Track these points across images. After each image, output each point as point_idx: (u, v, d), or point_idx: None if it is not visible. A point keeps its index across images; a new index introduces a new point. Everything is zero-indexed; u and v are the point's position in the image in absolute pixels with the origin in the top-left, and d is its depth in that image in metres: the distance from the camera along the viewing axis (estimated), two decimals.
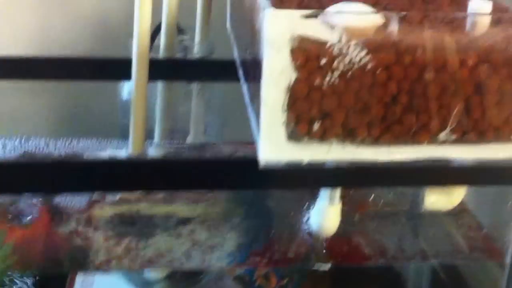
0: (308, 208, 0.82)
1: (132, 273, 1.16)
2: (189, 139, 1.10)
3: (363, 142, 0.68)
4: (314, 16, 0.62)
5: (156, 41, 1.06)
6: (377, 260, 0.86)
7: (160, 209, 0.93)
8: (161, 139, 1.04)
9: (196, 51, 1.10)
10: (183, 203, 0.94)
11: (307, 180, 0.73)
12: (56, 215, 0.88)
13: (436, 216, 0.84)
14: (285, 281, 1.07)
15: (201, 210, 0.93)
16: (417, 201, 0.84)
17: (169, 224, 0.90)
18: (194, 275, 1.16)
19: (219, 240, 0.87)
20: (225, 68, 1.01)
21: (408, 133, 0.68)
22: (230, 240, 0.87)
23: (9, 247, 0.84)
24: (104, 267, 0.85)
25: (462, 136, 0.68)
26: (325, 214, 0.80)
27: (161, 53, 1.04)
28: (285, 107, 0.64)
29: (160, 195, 0.92)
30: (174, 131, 1.10)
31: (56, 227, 0.87)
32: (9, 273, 0.95)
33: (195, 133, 1.10)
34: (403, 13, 0.68)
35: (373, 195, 0.89)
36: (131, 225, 0.90)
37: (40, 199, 0.91)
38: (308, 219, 0.82)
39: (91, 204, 0.92)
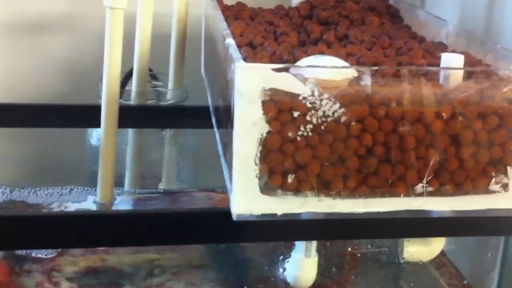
0: (284, 260, 0.80)
1: None
2: (161, 186, 1.08)
3: (339, 194, 0.67)
4: (286, 69, 0.60)
5: (127, 87, 1.04)
6: None
7: (130, 260, 0.90)
8: (132, 186, 1.02)
9: (169, 97, 1.09)
10: (154, 253, 0.91)
11: (281, 233, 0.72)
12: (17, 268, 0.85)
13: (416, 266, 0.82)
14: None
15: (174, 261, 0.90)
16: (396, 251, 0.83)
17: (139, 275, 0.87)
18: None
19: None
20: (198, 114, 1.00)
21: (384, 185, 0.66)
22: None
23: None
24: None
25: (439, 188, 0.67)
26: (301, 266, 0.78)
27: (133, 99, 1.02)
28: (258, 159, 0.62)
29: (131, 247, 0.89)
30: (145, 177, 1.08)
31: (17, 281, 0.83)
32: None
33: (167, 179, 1.08)
34: (376, 67, 0.67)
35: (350, 247, 0.87)
36: (99, 277, 0.87)
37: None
38: (284, 271, 0.80)
39: (55, 257, 0.89)
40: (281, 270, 0.80)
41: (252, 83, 0.60)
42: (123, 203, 0.97)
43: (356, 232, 0.73)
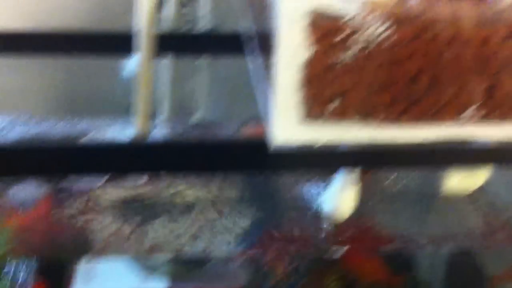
0: (322, 191, 0.78)
1: (136, 258, 1.13)
2: (197, 117, 1.07)
3: (382, 122, 0.64)
4: None
5: (159, 14, 1.01)
6: (391, 244, 0.82)
7: (167, 193, 0.89)
8: (167, 117, 1.00)
9: (202, 24, 1.06)
10: (190, 186, 0.90)
11: (320, 162, 0.69)
12: (59, 200, 0.85)
13: (456, 199, 0.80)
14: (293, 266, 1.04)
15: (210, 193, 0.89)
16: (437, 183, 0.80)
17: (176, 207, 0.87)
18: (199, 259, 1.12)
19: (227, 224, 0.83)
20: (231, 42, 0.97)
21: (430, 112, 0.64)
22: (238, 224, 0.84)
23: (8, 233, 0.81)
24: (107, 252, 0.81)
25: (487, 115, 0.64)
26: (339, 197, 0.77)
27: (166, 26, 0.99)
28: (300, 86, 0.60)
29: (168, 178, 0.88)
30: (181, 108, 1.07)
31: (59, 212, 0.83)
32: (9, 259, 0.92)
33: (202, 110, 1.07)
34: None
35: (391, 177, 0.84)
36: (137, 209, 0.86)
37: (42, 183, 0.88)
38: (321, 202, 0.78)
39: (95, 188, 0.88)
40: (318, 201, 0.78)
41: (295, 4, 0.57)
42: (158, 134, 0.95)
43: (398, 162, 0.71)
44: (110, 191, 0.87)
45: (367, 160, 0.69)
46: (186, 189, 0.88)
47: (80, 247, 0.98)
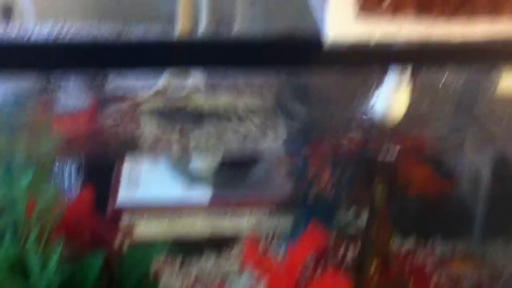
0: (374, 93, 0.77)
1: (180, 165, 1.13)
2: (236, 29, 1.05)
3: (437, 17, 0.63)
4: None
5: None
6: (441, 148, 0.81)
7: (209, 101, 0.89)
8: (209, 23, 0.99)
9: None
10: (233, 95, 0.89)
11: (373, 59, 0.68)
12: (104, 105, 0.85)
13: (509, 100, 0.78)
14: (338, 174, 1.04)
15: (255, 100, 0.88)
16: (491, 84, 0.78)
17: (220, 113, 0.86)
18: (243, 167, 1.13)
19: (271, 131, 0.82)
20: None
21: (486, 7, 0.62)
22: (284, 130, 0.83)
23: (56, 135, 0.81)
24: (152, 152, 0.82)
25: None
26: (391, 99, 0.76)
27: None
28: None
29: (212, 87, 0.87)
30: (219, 20, 1.05)
31: (104, 116, 0.83)
32: (56, 158, 0.93)
33: (241, 23, 1.05)
34: None
35: (444, 78, 0.83)
36: (181, 115, 0.86)
37: (88, 86, 0.88)
38: (373, 104, 0.77)
39: (140, 96, 0.88)
40: (370, 103, 0.77)
41: None
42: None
43: (452, 59, 0.69)
44: (154, 99, 0.87)
45: (420, 57, 0.68)
46: (227, 100, 0.88)
47: (125, 149, 0.99)
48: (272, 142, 0.83)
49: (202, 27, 0.98)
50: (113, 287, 0.89)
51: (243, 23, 1.03)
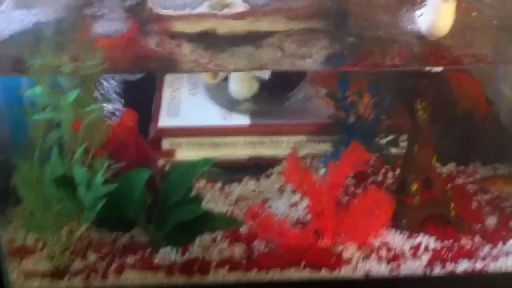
0: (420, 5, 0.76)
1: (219, 91, 1.14)
2: None
3: None
4: None
5: None
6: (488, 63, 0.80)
7: (247, 26, 0.88)
8: None
9: None
10: (267, 19, 0.89)
11: None
12: (144, 24, 0.85)
13: None
14: (380, 94, 1.03)
15: (292, 22, 0.88)
16: None
17: (254, 37, 0.86)
18: (281, 95, 1.13)
19: (309, 49, 0.82)
20: None
21: None
22: (322, 49, 0.82)
23: (100, 52, 0.82)
24: (191, 69, 0.82)
25: None
26: (438, 12, 0.74)
27: None
28: None
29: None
30: None
31: (145, 37, 0.83)
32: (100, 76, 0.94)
33: None
34: None
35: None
36: (216, 39, 0.86)
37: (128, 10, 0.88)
38: (419, 16, 0.75)
39: (178, 18, 0.88)
40: (416, 15, 0.76)
41: None
42: None
43: None
44: (192, 23, 0.86)
45: None
46: (265, 21, 0.87)
47: (165, 71, 0.99)
48: (312, 63, 0.82)
49: None
50: (158, 203, 0.90)
51: None
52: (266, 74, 1.12)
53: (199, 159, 0.91)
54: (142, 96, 1.17)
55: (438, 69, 0.84)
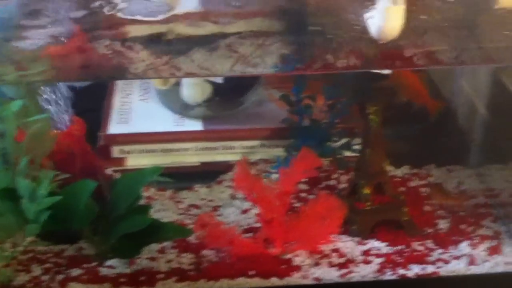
0: (367, 10, 0.74)
1: (170, 97, 1.12)
2: None
3: None
4: None
5: None
6: (439, 63, 0.79)
7: (198, 29, 0.87)
8: None
9: None
10: (219, 25, 0.87)
11: None
12: (91, 31, 0.83)
13: (508, 14, 0.75)
14: (333, 101, 1.02)
15: (243, 26, 0.86)
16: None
17: (209, 40, 0.84)
18: (234, 99, 1.12)
19: (263, 53, 0.80)
20: None
21: None
22: (275, 52, 0.81)
23: (47, 61, 0.80)
24: (142, 75, 0.80)
25: None
26: (386, 15, 0.73)
27: None
28: None
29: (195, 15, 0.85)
30: None
31: (93, 42, 0.81)
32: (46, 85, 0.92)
33: None
34: None
35: None
36: (169, 43, 0.84)
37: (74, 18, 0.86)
38: (368, 20, 0.74)
39: (128, 22, 0.86)
40: (365, 19, 0.75)
41: None
42: None
43: None
44: (140, 26, 0.84)
45: None
46: (217, 27, 0.85)
47: (115, 77, 0.97)
48: (265, 66, 0.81)
49: None
50: (105, 214, 0.88)
51: None
52: (219, 78, 1.11)
53: (146, 168, 0.89)
54: (92, 103, 1.15)
55: (388, 71, 0.83)
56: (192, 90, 1.10)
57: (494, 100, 1.01)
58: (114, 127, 1.08)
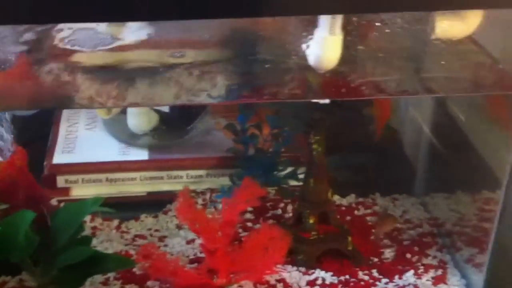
0: (306, 39, 0.75)
1: (116, 126, 1.11)
2: None
3: None
4: None
5: None
6: (377, 95, 0.80)
7: (144, 55, 0.87)
8: None
9: None
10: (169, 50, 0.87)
11: (303, 5, 0.67)
12: (37, 59, 0.82)
13: (448, 44, 0.76)
14: (278, 130, 1.03)
15: (188, 55, 0.86)
16: (427, 27, 0.77)
17: (156, 69, 0.84)
18: (181, 128, 1.11)
19: (208, 82, 0.80)
20: None
21: None
22: (219, 81, 0.81)
23: None
24: (88, 105, 0.79)
25: None
26: (324, 45, 0.74)
27: None
28: None
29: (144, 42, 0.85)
30: None
31: (38, 70, 0.80)
32: None
33: None
34: None
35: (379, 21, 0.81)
36: (116, 71, 0.83)
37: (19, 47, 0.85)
38: (306, 49, 0.75)
39: (72, 52, 0.85)
40: (303, 48, 0.75)
41: None
42: None
43: (387, 4, 0.68)
44: (88, 55, 0.84)
45: (351, 2, 0.67)
46: (167, 52, 0.85)
47: (61, 106, 0.96)
48: (211, 96, 0.81)
49: None
50: (48, 244, 0.87)
51: None
52: (165, 107, 1.10)
53: (87, 199, 0.88)
54: (37, 132, 1.14)
55: (326, 101, 0.84)
56: (139, 119, 1.09)
57: (439, 129, 1.03)
58: (59, 157, 1.07)
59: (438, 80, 0.79)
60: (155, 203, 1.05)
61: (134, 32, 0.86)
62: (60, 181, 1.05)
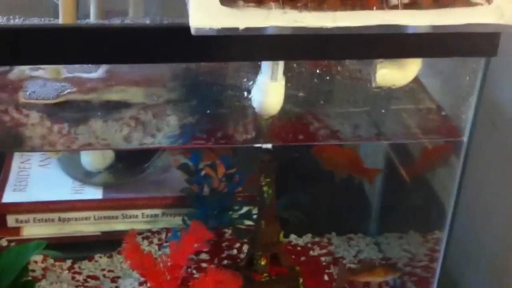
0: (249, 84, 0.75)
1: (70, 164, 1.10)
2: (128, 19, 1.02)
3: (305, 6, 0.61)
4: None
5: None
6: (326, 140, 0.80)
7: (98, 95, 0.86)
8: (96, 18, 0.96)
9: None
10: (119, 89, 0.86)
11: (244, 51, 0.66)
12: None
13: (389, 91, 0.77)
14: (233, 170, 1.02)
15: (139, 95, 0.86)
16: (369, 74, 0.77)
17: (108, 109, 0.83)
18: (136, 166, 1.10)
19: (160, 123, 0.80)
20: None
21: None
22: (171, 123, 0.80)
23: None
24: (39, 148, 0.78)
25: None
26: (266, 91, 0.74)
27: None
28: None
29: (97, 82, 0.84)
30: (111, 11, 1.02)
31: None
32: None
33: (134, 12, 1.02)
34: None
35: (319, 69, 0.81)
36: (67, 110, 0.83)
37: None
38: (249, 95, 0.75)
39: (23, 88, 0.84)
40: (246, 94, 0.75)
41: None
42: None
43: (324, 52, 0.68)
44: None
45: (292, 49, 0.67)
46: (117, 91, 0.85)
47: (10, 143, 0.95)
48: (165, 136, 0.80)
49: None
50: None
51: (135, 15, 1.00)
52: None
53: (30, 242, 0.87)
54: None
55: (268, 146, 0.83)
56: (93, 157, 1.08)
57: (393, 168, 1.02)
58: (9, 195, 1.05)
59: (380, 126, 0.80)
60: (110, 242, 1.04)
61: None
62: (11, 220, 1.03)
